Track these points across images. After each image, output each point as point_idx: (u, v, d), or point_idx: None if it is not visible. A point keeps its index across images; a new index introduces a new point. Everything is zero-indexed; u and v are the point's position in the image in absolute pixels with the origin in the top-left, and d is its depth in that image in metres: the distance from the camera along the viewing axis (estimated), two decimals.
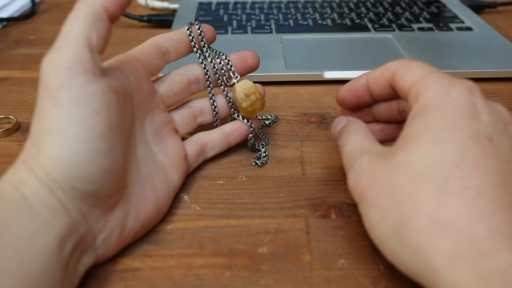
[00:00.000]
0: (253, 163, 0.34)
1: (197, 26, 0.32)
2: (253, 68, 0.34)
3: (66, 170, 0.22)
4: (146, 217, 0.27)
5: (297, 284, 0.25)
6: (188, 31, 0.32)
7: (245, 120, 0.34)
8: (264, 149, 0.35)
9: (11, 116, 0.39)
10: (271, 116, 0.39)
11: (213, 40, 0.33)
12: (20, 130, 0.38)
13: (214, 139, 0.33)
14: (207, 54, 0.33)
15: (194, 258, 0.26)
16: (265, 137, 0.37)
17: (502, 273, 0.19)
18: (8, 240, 0.20)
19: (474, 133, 0.22)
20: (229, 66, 0.33)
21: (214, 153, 0.34)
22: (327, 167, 0.34)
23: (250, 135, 0.34)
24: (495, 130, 0.22)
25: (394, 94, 0.28)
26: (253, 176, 0.33)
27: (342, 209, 0.30)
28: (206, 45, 0.32)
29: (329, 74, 0.44)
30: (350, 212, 0.29)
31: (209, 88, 0.33)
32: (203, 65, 0.32)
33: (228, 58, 0.33)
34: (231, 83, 0.33)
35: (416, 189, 0.21)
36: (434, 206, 0.21)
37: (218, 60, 0.33)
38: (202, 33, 0.32)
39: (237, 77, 0.33)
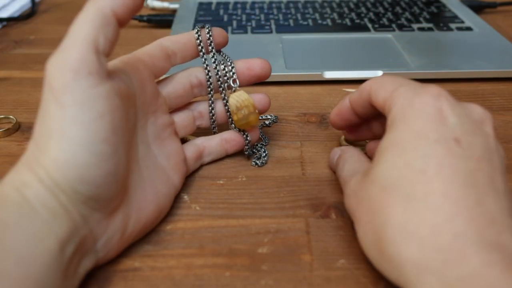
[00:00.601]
0: (253, 163, 0.34)
1: (207, 30, 0.31)
2: (261, 78, 0.33)
3: (68, 173, 0.22)
4: (147, 219, 0.27)
5: (297, 284, 0.25)
6: (197, 35, 0.31)
7: (242, 131, 0.33)
8: (263, 149, 0.35)
9: (11, 116, 0.39)
10: (271, 116, 0.39)
11: (224, 44, 0.32)
12: (20, 130, 0.38)
13: (212, 145, 0.33)
14: (212, 60, 0.32)
15: (194, 258, 0.26)
16: (265, 137, 0.37)
17: (468, 281, 0.18)
18: (8, 243, 0.20)
19: (439, 137, 0.22)
20: (231, 73, 0.32)
21: (211, 159, 0.34)
22: (327, 167, 0.34)
23: (246, 146, 0.33)
24: (463, 130, 0.22)
25: (375, 112, 0.28)
26: (253, 176, 0.33)
27: (342, 209, 0.30)
28: (214, 49, 0.32)
29: (329, 74, 0.44)
30: None
31: (209, 95, 0.32)
32: (206, 71, 0.32)
33: (233, 65, 0.32)
34: (231, 91, 0.32)
35: (385, 201, 0.22)
36: (401, 216, 0.21)
37: (223, 66, 0.32)
38: (211, 37, 0.31)
39: (235, 86, 0.32)
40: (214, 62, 0.32)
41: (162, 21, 0.58)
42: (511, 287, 0.18)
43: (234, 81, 0.32)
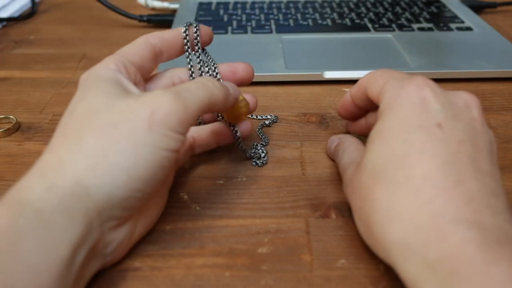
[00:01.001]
0: (254, 163, 0.34)
1: (195, 29, 0.31)
2: (245, 82, 0.33)
3: (103, 184, 0.22)
4: (152, 221, 0.28)
5: (297, 284, 0.25)
6: (185, 34, 0.31)
7: (231, 126, 0.32)
8: (263, 149, 0.35)
9: (11, 116, 0.39)
10: (271, 116, 0.39)
11: (209, 43, 0.33)
12: (20, 130, 0.38)
13: (202, 137, 0.33)
14: (198, 60, 0.32)
15: (194, 258, 0.26)
16: (265, 137, 0.37)
17: (448, 258, 0.19)
18: (22, 255, 0.20)
19: (421, 123, 0.23)
20: (215, 73, 0.32)
21: (202, 151, 0.33)
22: (327, 167, 0.34)
23: (237, 140, 0.33)
24: (445, 116, 0.23)
25: (375, 104, 0.29)
26: (253, 176, 0.33)
27: (342, 209, 0.30)
28: (199, 49, 0.32)
29: (329, 74, 0.44)
30: (350, 212, 0.29)
31: None
32: (190, 72, 0.32)
33: (216, 68, 0.32)
34: None
35: (373, 187, 0.23)
36: (385, 201, 0.22)
37: (207, 68, 0.32)
38: (198, 36, 0.31)
39: (219, 79, 0.32)
40: (199, 62, 0.32)
41: (162, 21, 0.58)
42: (488, 262, 0.18)
43: (216, 74, 0.32)
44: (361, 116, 0.33)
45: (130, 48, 0.29)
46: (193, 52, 0.32)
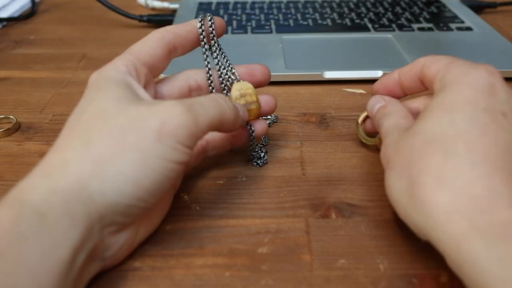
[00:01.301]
0: (254, 163, 0.34)
1: (210, 23, 0.30)
2: (262, 84, 0.33)
3: (109, 191, 0.22)
4: (155, 225, 0.28)
5: (297, 284, 0.25)
6: (201, 29, 0.30)
7: (247, 125, 0.32)
8: (263, 149, 0.35)
9: (11, 116, 0.39)
10: (271, 116, 0.39)
11: (222, 35, 0.32)
12: (20, 130, 0.38)
13: (216, 140, 0.32)
14: (215, 54, 0.31)
15: (194, 258, 0.26)
16: (265, 137, 0.37)
17: (499, 225, 0.20)
18: (23, 257, 0.20)
19: (487, 107, 0.23)
20: (230, 67, 0.32)
21: (215, 153, 0.33)
22: (327, 167, 0.34)
23: (250, 142, 0.33)
24: (510, 107, 0.24)
25: (422, 88, 0.30)
26: (253, 176, 0.33)
27: (342, 209, 0.30)
28: (216, 43, 0.31)
29: (329, 74, 0.44)
30: (350, 212, 0.29)
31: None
32: (207, 69, 0.31)
33: (232, 67, 0.32)
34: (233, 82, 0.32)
35: (426, 151, 0.23)
36: (439, 165, 0.22)
37: (225, 70, 0.31)
38: (213, 30, 0.31)
39: (236, 78, 0.32)
40: (216, 57, 0.31)
41: (162, 21, 0.58)
42: None
43: (233, 74, 0.32)
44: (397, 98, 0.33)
45: (142, 46, 0.29)
46: (210, 46, 0.31)
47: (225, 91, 0.32)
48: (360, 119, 0.34)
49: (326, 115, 0.40)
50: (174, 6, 0.63)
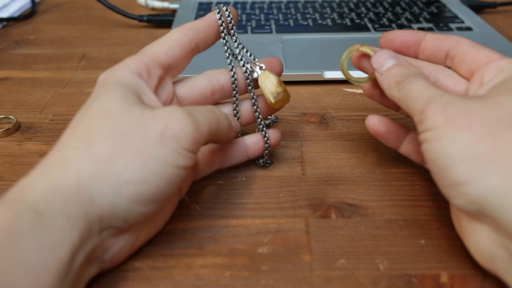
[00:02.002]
0: (261, 162, 0.34)
1: (227, 13, 0.30)
2: (279, 75, 0.33)
3: (109, 193, 0.22)
4: (157, 229, 0.27)
5: (297, 284, 0.25)
6: (220, 21, 0.30)
7: (263, 132, 0.32)
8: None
9: (11, 116, 0.39)
10: (271, 116, 0.39)
11: (236, 24, 0.32)
12: (20, 130, 0.38)
13: (233, 151, 0.32)
14: (235, 44, 0.31)
15: (194, 258, 0.26)
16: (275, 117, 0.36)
17: None
18: (21, 255, 0.20)
19: None
20: (253, 58, 0.31)
21: (231, 165, 0.32)
22: (327, 167, 0.34)
23: (266, 150, 0.32)
24: None
25: (442, 61, 0.30)
26: (253, 176, 0.33)
27: (342, 209, 0.30)
28: (235, 32, 0.31)
29: (329, 74, 0.44)
30: (350, 212, 0.29)
31: (235, 98, 0.31)
32: (229, 61, 0.31)
33: (253, 55, 0.31)
34: (255, 76, 0.31)
35: (505, 125, 0.22)
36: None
37: (248, 64, 0.31)
38: (232, 19, 0.30)
39: (263, 68, 0.31)
40: (237, 46, 0.31)
41: (162, 21, 0.58)
42: None
43: (260, 68, 0.31)
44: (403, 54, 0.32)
45: (160, 47, 0.28)
46: (231, 36, 0.31)
47: (250, 86, 0.32)
48: (344, 57, 0.32)
49: (326, 115, 0.40)
50: (174, 6, 0.63)
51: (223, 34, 0.30)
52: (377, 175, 0.33)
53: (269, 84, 0.31)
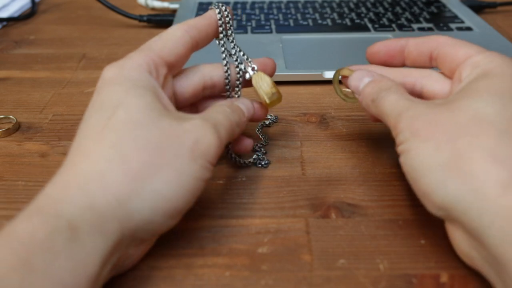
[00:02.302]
0: (259, 165, 0.34)
1: (226, 13, 0.30)
2: (271, 76, 0.33)
3: (142, 219, 0.23)
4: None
5: (297, 284, 0.25)
6: (220, 21, 0.30)
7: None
8: (263, 150, 0.35)
9: (11, 116, 0.39)
10: (271, 116, 0.39)
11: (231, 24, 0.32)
12: (20, 130, 0.38)
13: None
14: (232, 45, 0.31)
15: (194, 258, 0.26)
16: (265, 137, 0.37)
17: None
18: (55, 273, 0.19)
19: None
20: (246, 58, 0.32)
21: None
22: (327, 167, 0.34)
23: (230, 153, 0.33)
24: None
25: (427, 64, 0.31)
26: (253, 176, 0.33)
27: (342, 209, 0.30)
28: (232, 33, 0.31)
29: (329, 74, 0.44)
30: (350, 212, 0.29)
31: (228, 91, 0.32)
32: (225, 62, 0.31)
33: (246, 55, 0.32)
34: (247, 77, 0.32)
35: (477, 128, 0.23)
36: (493, 143, 0.22)
37: (242, 65, 0.31)
38: (230, 19, 0.30)
39: (255, 69, 0.32)
40: (234, 46, 0.31)
41: (162, 21, 0.58)
42: None
43: (252, 68, 0.32)
44: (391, 65, 0.32)
45: (165, 43, 0.28)
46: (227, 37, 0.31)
47: (239, 86, 0.32)
48: (336, 78, 0.34)
49: (326, 115, 0.40)
50: (174, 6, 0.63)
51: (221, 35, 0.31)
52: (377, 175, 0.33)
53: (263, 85, 0.31)
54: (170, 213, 0.23)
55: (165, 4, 0.63)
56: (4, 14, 0.60)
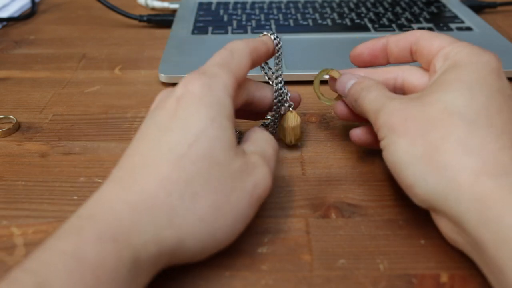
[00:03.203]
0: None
1: (278, 40, 0.32)
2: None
3: (191, 255, 0.23)
4: None
5: (297, 284, 0.25)
6: (277, 47, 0.32)
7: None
8: None
9: (11, 116, 0.39)
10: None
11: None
12: (20, 130, 0.38)
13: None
14: (279, 72, 0.33)
15: None
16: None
17: None
18: None
19: (499, 88, 0.25)
20: (284, 89, 0.33)
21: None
22: (327, 167, 0.34)
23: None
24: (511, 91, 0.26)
25: (409, 59, 0.32)
26: None
27: (342, 209, 0.30)
28: (280, 62, 0.33)
29: None
30: (350, 212, 0.29)
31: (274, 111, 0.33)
32: (275, 87, 0.33)
33: (283, 82, 0.33)
34: (282, 111, 0.34)
35: (448, 120, 0.24)
36: (464, 134, 0.24)
37: (281, 82, 0.33)
38: (280, 47, 0.32)
39: (291, 106, 0.34)
40: (281, 73, 0.33)
41: (162, 21, 0.58)
42: None
43: (290, 105, 0.34)
44: (375, 65, 0.33)
45: (240, 64, 0.27)
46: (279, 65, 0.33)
47: (277, 109, 0.33)
48: (320, 77, 0.35)
49: (326, 115, 0.40)
50: (174, 6, 0.63)
51: (277, 60, 0.33)
52: (377, 175, 0.33)
53: (295, 128, 0.33)
54: (215, 250, 0.24)
55: (165, 4, 0.63)
56: (4, 14, 0.60)
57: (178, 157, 0.23)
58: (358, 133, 0.32)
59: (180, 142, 0.23)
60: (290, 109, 0.34)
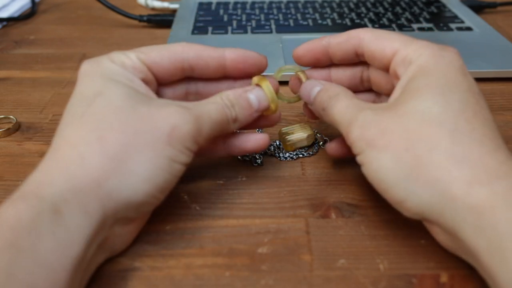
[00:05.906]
0: (254, 164, 0.34)
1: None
2: (253, 74, 0.31)
3: (122, 198, 0.23)
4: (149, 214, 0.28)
5: (297, 284, 0.25)
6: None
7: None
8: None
9: (11, 116, 0.39)
10: None
11: None
12: (20, 130, 0.38)
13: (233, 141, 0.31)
14: None
15: (194, 258, 0.26)
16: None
17: None
18: (41, 255, 0.20)
19: (469, 87, 0.25)
20: None
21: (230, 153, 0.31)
22: (327, 167, 0.34)
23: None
24: (477, 88, 0.26)
25: (356, 60, 0.31)
26: (253, 176, 0.33)
27: (342, 209, 0.30)
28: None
29: None
30: (350, 212, 0.29)
31: None
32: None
33: None
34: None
35: (430, 132, 0.23)
36: (449, 144, 0.23)
37: None
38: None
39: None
40: None
41: (162, 21, 0.58)
42: None
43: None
44: (320, 66, 0.32)
45: (152, 50, 0.28)
46: None
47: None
48: (277, 76, 0.33)
49: None
50: (174, 6, 0.63)
51: None
52: None
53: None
54: (151, 192, 0.24)
55: (165, 4, 0.63)
56: (4, 14, 0.60)
57: (79, 117, 0.25)
58: (333, 147, 0.31)
59: (80, 107, 0.25)
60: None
